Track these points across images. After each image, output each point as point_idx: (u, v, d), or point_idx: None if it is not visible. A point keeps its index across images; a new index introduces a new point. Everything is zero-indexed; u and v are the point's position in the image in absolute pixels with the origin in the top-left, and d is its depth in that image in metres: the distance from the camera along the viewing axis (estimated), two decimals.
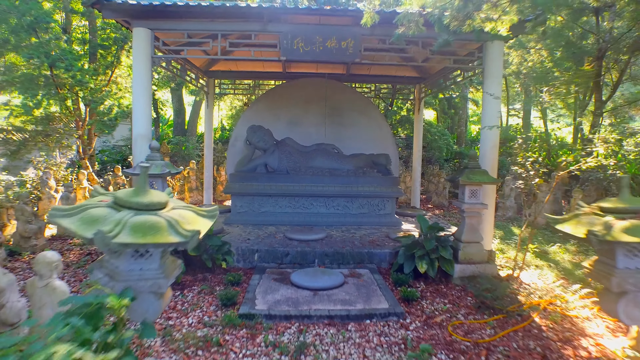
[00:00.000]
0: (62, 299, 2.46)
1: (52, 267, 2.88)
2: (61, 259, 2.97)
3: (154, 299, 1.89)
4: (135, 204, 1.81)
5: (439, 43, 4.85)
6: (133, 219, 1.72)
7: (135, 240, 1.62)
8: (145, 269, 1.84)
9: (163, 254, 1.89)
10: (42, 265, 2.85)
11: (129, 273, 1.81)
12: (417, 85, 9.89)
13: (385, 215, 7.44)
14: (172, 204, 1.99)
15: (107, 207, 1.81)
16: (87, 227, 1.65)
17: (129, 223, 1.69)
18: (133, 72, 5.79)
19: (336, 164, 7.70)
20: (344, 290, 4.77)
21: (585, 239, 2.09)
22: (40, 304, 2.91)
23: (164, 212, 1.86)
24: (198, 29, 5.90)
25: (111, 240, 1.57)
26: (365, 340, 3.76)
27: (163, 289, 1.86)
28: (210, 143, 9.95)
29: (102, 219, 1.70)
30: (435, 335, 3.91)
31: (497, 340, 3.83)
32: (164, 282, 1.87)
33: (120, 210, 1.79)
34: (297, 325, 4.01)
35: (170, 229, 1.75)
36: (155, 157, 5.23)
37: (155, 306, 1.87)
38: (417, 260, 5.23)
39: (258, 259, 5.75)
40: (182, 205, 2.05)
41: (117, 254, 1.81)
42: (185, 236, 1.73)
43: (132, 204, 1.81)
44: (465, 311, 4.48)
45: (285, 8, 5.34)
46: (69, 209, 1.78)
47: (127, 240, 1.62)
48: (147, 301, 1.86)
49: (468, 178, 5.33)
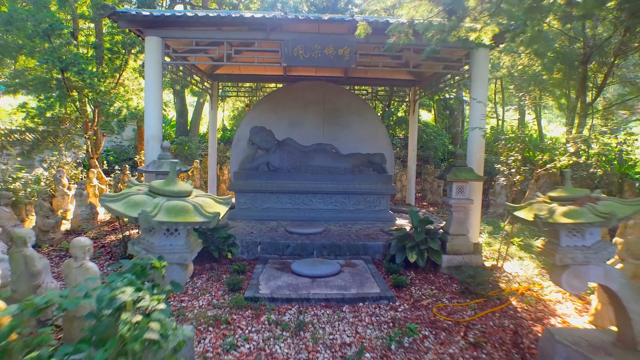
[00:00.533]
0: (92, 277, 2.91)
1: (85, 250, 3.33)
2: (92, 244, 3.42)
3: (180, 270, 2.33)
4: (167, 191, 2.26)
5: (427, 52, 5.28)
6: (167, 203, 2.16)
7: (170, 219, 2.07)
8: (174, 245, 2.28)
9: (188, 232, 2.33)
10: (77, 248, 3.30)
11: (161, 247, 2.25)
12: (412, 88, 10.34)
13: (380, 211, 7.88)
14: (195, 192, 2.44)
15: (145, 194, 2.25)
16: (131, 209, 2.10)
17: (164, 206, 2.14)
18: (145, 77, 6.24)
19: (334, 162, 8.15)
20: (340, 277, 5.22)
21: (533, 222, 2.54)
22: (75, 282, 3.36)
23: (189, 199, 2.31)
24: (205, 37, 6.35)
25: (152, 219, 2.01)
26: (357, 320, 4.21)
27: (188, 261, 2.31)
28: (214, 143, 10.40)
29: (143, 203, 2.14)
30: (421, 316, 4.36)
31: (476, 320, 4.27)
32: (188, 256, 2.31)
33: (155, 197, 2.23)
34: (297, 307, 4.46)
35: (196, 211, 2.19)
36: (167, 156, 5.68)
37: (181, 275, 2.31)
38: (407, 251, 5.68)
39: (261, 250, 6.20)
40: (203, 194, 2.49)
41: (152, 232, 2.25)
42: (207, 217, 2.18)
43: (165, 192, 2.26)
44: (449, 296, 4.93)
45: (286, 18, 5.76)
46: (115, 196, 2.22)
47: (163, 219, 2.06)
48: (175, 271, 2.29)
49: (455, 175, 5.78)
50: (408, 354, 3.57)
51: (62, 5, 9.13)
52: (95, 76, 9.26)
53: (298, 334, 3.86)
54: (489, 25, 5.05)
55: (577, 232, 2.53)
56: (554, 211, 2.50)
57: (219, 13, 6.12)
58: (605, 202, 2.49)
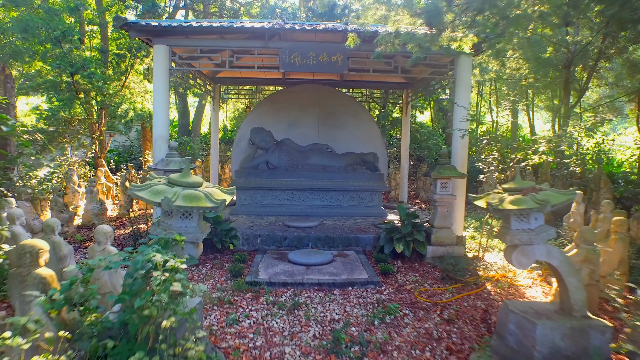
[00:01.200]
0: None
1: (107, 236, 3.83)
2: (113, 231, 3.93)
3: (193, 247, 2.83)
4: (183, 182, 2.76)
5: (412, 59, 5.79)
6: (183, 192, 2.66)
7: (186, 204, 2.57)
8: (188, 226, 2.77)
9: (199, 216, 2.83)
10: (100, 234, 3.81)
11: (178, 228, 2.74)
12: (405, 91, 10.84)
13: (372, 207, 8.39)
14: (205, 184, 2.94)
15: (165, 185, 2.75)
16: (155, 196, 2.59)
17: (181, 194, 2.63)
18: (153, 82, 6.74)
19: (329, 161, 8.66)
20: (332, 265, 5.73)
21: (486, 208, 3.03)
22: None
23: (201, 189, 2.80)
24: (209, 45, 6.86)
25: (172, 204, 2.51)
26: (346, 301, 4.71)
27: (199, 240, 2.81)
28: (216, 143, 10.91)
29: (164, 192, 2.64)
30: (403, 298, 4.86)
31: (453, 301, 4.78)
32: (200, 235, 2.81)
33: (173, 187, 2.73)
34: (292, 290, 4.96)
35: (206, 198, 2.69)
36: (174, 155, 6.19)
37: (194, 251, 2.81)
38: (395, 243, 6.18)
39: (260, 242, 6.70)
40: (211, 185, 2.99)
41: (171, 215, 2.74)
42: (216, 203, 2.68)
43: (181, 183, 2.76)
44: (431, 282, 5.43)
45: (283, 28, 6.26)
46: (141, 186, 2.72)
47: (181, 204, 2.56)
48: (189, 248, 2.79)
49: (439, 173, 6.28)
50: (389, 328, 4.08)
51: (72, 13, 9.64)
52: (103, 79, 9.77)
53: (293, 312, 4.37)
54: (467, 36, 5.56)
55: (524, 217, 3.03)
56: (504, 200, 3.00)
57: (221, 23, 6.63)
58: (545, 192, 2.98)
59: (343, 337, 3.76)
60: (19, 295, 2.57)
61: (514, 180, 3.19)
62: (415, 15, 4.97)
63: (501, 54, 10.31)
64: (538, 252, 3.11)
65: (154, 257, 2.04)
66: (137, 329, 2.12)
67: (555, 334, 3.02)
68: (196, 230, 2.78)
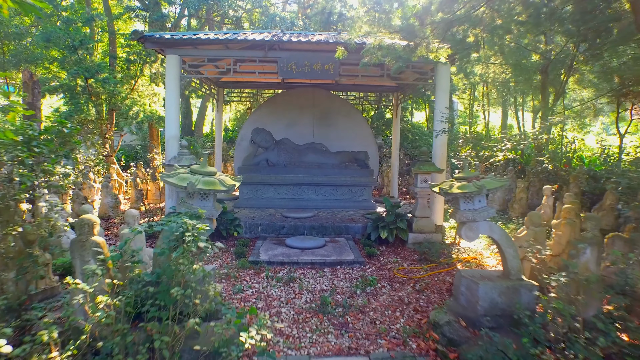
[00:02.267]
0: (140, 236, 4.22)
1: (135, 219, 4.65)
2: (139, 214, 4.75)
3: (210, 222, 3.63)
4: (202, 172, 3.58)
5: (394, 69, 6.59)
6: (203, 178, 3.47)
7: (205, 187, 3.37)
8: (205, 205, 3.57)
9: (214, 197, 3.63)
10: (129, 217, 4.62)
11: (198, 207, 3.54)
12: (395, 94, 11.66)
13: (363, 200, 9.20)
14: (218, 173, 3.75)
15: (188, 173, 3.56)
16: (182, 181, 3.40)
17: (201, 180, 3.44)
18: (165, 88, 7.56)
19: (324, 159, 9.47)
20: (324, 249, 6.54)
21: (439, 192, 3.84)
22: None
23: (215, 176, 3.61)
24: (215, 55, 7.67)
25: (195, 187, 3.32)
26: (334, 276, 5.53)
27: (214, 216, 3.62)
28: (220, 142, 11.73)
29: (188, 178, 3.44)
30: (383, 274, 5.68)
31: (426, 277, 5.59)
32: (215, 213, 3.62)
33: (195, 175, 3.54)
34: (289, 268, 5.78)
35: (220, 183, 3.49)
36: (185, 152, 7.01)
37: (211, 226, 3.61)
38: (380, 230, 7.00)
39: (261, 230, 7.52)
40: (223, 174, 3.80)
41: (192, 196, 3.55)
42: (227, 187, 3.49)
43: (201, 172, 3.57)
44: (409, 262, 6.25)
45: (281, 40, 7.08)
46: (170, 174, 3.53)
47: (202, 187, 3.37)
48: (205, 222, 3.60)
49: (419, 168, 7.10)
50: (368, 296, 4.90)
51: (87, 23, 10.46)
52: (114, 83, 10.59)
53: (288, 284, 5.19)
54: (442, 48, 6.37)
55: (469, 199, 3.83)
56: (453, 185, 3.81)
57: (226, 35, 7.44)
58: (485, 179, 3.78)
59: (329, 301, 4.57)
60: (79, 256, 3.40)
61: (462, 171, 4.01)
62: (393, 32, 5.77)
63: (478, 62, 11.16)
64: (482, 228, 3.92)
65: (186, 222, 2.85)
66: (172, 275, 2.94)
67: (494, 292, 3.84)
68: (212, 208, 3.59)
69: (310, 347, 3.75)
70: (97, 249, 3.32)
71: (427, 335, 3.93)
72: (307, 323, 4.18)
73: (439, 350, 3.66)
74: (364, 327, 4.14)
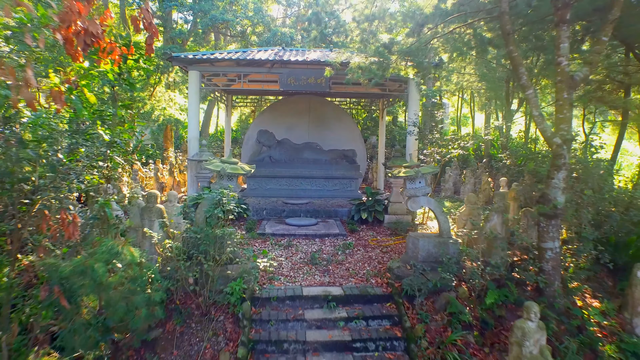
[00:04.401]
0: (178, 210, 5.97)
1: (175, 197, 6.39)
2: (177, 194, 6.48)
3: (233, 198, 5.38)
4: (229, 161, 5.30)
5: (372, 83, 8.27)
6: (230, 166, 5.19)
7: (232, 171, 5.10)
8: (232, 184, 5.30)
9: (237, 179, 5.36)
10: (172, 196, 6.36)
11: (226, 185, 5.26)
12: (381, 100, 13.38)
13: (351, 190, 10.92)
14: (239, 162, 5.48)
15: (220, 162, 5.29)
16: (217, 167, 5.12)
17: (229, 167, 5.16)
18: (188, 98, 9.29)
19: (318, 156, 11.19)
20: (316, 226, 8.27)
21: (391, 177, 5.56)
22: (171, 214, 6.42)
23: (237, 165, 5.33)
24: (228, 70, 9.39)
25: (226, 171, 5.04)
26: (322, 244, 7.26)
27: (237, 191, 5.36)
28: (229, 142, 13.49)
29: (220, 165, 5.16)
30: (360, 243, 7.41)
31: (392, 245, 7.32)
32: (237, 188, 5.35)
33: (224, 163, 5.26)
34: (288, 238, 7.50)
35: (241, 169, 5.22)
36: (204, 150, 8.74)
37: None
38: (361, 212, 8.73)
39: (266, 213, 9.24)
40: (241, 163, 5.53)
41: (222, 177, 5.27)
42: (246, 171, 5.21)
43: (228, 162, 5.30)
44: (382, 236, 7.98)
45: (282, 60, 8.81)
46: (209, 162, 5.26)
47: (229, 171, 5.09)
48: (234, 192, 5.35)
49: (392, 163, 8.82)
50: (346, 255, 6.63)
51: None
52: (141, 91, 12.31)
53: (287, 248, 6.92)
54: (409, 67, 8.08)
55: (412, 180, 5.55)
56: (400, 171, 5.54)
57: (237, 55, 9.17)
58: (422, 167, 5.49)
59: (317, 257, 6.31)
60: (148, 217, 5.13)
61: (399, 159, 5.74)
62: (368, 57, 7.48)
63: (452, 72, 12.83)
64: (422, 201, 5.65)
65: (222, 191, 4.58)
66: (212, 228, 4.67)
67: (430, 245, 5.56)
68: (236, 185, 5.33)
69: (302, 282, 5.49)
70: (159, 212, 5.06)
71: (383, 276, 5.67)
72: (300, 270, 5.92)
73: (389, 283, 5.40)
74: (340, 272, 5.87)
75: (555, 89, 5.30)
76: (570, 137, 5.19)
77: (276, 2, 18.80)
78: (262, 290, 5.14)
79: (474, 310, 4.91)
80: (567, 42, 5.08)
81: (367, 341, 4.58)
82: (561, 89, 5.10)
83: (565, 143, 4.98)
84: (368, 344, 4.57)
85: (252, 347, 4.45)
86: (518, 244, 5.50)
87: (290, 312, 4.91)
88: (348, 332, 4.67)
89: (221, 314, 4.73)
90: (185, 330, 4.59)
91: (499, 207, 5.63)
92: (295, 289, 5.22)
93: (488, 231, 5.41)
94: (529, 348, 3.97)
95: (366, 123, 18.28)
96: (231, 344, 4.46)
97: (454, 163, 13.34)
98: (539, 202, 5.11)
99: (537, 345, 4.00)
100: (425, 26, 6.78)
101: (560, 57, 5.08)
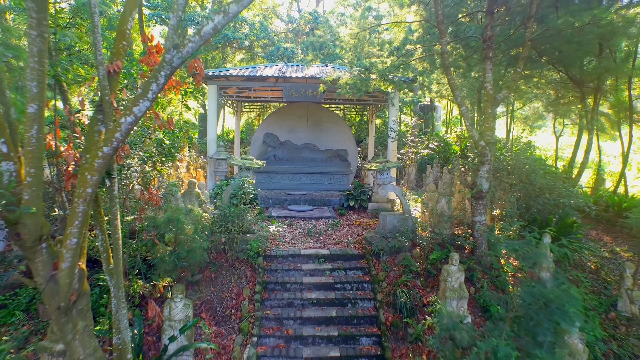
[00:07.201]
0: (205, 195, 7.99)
1: (203, 186, 8.39)
2: (204, 183, 8.49)
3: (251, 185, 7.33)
4: (247, 158, 7.27)
5: (358, 96, 10.25)
6: (248, 162, 7.14)
7: (250, 165, 7.05)
8: (249, 174, 7.25)
9: (253, 171, 7.31)
10: (201, 186, 8.37)
11: (246, 175, 7.23)
12: (371, 106, 15.36)
13: (343, 184, 12.90)
14: (254, 159, 7.44)
15: (241, 159, 7.23)
16: (238, 162, 7.07)
17: (247, 162, 7.11)
18: (208, 108, 11.28)
19: (315, 155, 13.18)
20: (312, 212, 10.26)
21: (367, 169, 7.47)
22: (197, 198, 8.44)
23: (253, 161, 7.29)
24: (240, 84, 11.39)
25: (245, 165, 6.98)
26: (317, 223, 9.25)
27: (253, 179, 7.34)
28: (238, 143, 15.48)
29: (241, 161, 7.11)
30: (346, 223, 9.40)
31: (371, 224, 9.29)
32: (254, 178, 7.32)
33: (244, 160, 7.21)
34: (290, 220, 9.49)
35: (255, 163, 7.17)
36: (221, 150, 10.74)
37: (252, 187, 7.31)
38: (349, 200, 10.71)
39: (271, 202, 11.23)
40: (255, 159, 7.50)
41: (244, 170, 7.22)
42: (259, 165, 7.17)
43: (246, 159, 7.26)
44: (365, 219, 9.96)
45: (285, 76, 10.80)
46: (232, 159, 7.20)
47: (248, 165, 7.05)
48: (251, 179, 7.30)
49: (374, 160, 10.78)
50: (335, 230, 8.62)
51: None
52: None
53: (289, 226, 8.92)
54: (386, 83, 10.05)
55: (381, 172, 7.50)
56: (373, 165, 7.50)
57: (249, 72, 11.17)
58: (389, 162, 7.43)
59: (312, 231, 8.30)
60: (188, 199, 7.14)
61: (380, 158, 7.72)
62: (353, 77, 9.44)
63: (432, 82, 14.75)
64: (389, 188, 7.63)
65: (244, 179, 6.56)
66: (236, 205, 6.66)
67: (394, 220, 7.53)
68: (252, 176, 7.32)
69: (300, 246, 7.48)
70: (197, 195, 7.06)
71: (360, 243, 7.66)
72: (299, 239, 7.91)
73: (364, 247, 7.39)
74: (329, 241, 7.86)
75: (483, 105, 7.26)
76: (493, 141, 7.15)
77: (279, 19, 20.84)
78: (271, 250, 7.14)
79: (423, 264, 6.88)
80: (490, 73, 7.05)
81: (345, 283, 6.56)
82: (487, 106, 7.07)
83: (488, 145, 6.94)
84: (345, 285, 6.55)
85: (264, 286, 6.44)
86: (462, 219, 7.47)
87: (292, 264, 6.90)
88: (332, 278, 6.66)
89: (243, 265, 6.72)
90: (218, 276, 6.58)
91: (445, 192, 7.60)
92: (295, 250, 7.21)
93: (437, 210, 7.38)
94: (451, 283, 5.94)
95: (360, 126, 20.27)
96: (250, 284, 6.45)
97: (435, 161, 15.32)
98: (470, 187, 7.08)
99: (458, 281, 5.97)
100: (394, 54, 8.76)
101: (486, 83, 7.05)
